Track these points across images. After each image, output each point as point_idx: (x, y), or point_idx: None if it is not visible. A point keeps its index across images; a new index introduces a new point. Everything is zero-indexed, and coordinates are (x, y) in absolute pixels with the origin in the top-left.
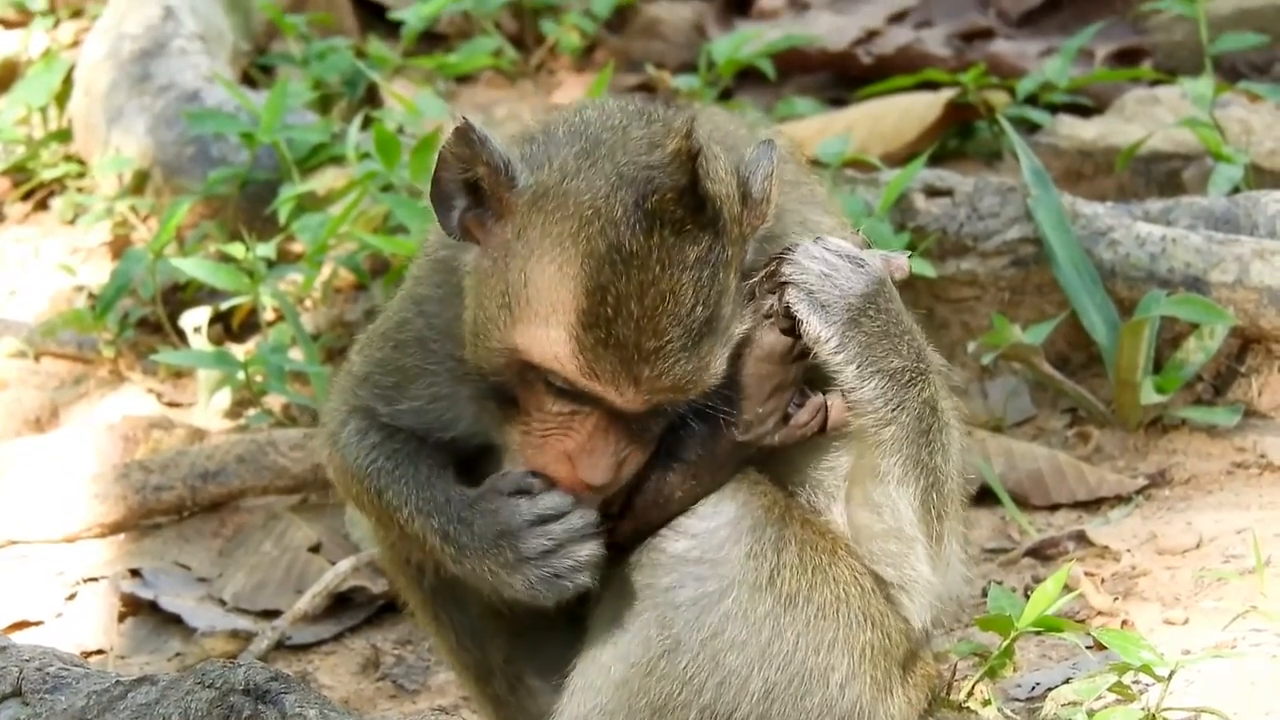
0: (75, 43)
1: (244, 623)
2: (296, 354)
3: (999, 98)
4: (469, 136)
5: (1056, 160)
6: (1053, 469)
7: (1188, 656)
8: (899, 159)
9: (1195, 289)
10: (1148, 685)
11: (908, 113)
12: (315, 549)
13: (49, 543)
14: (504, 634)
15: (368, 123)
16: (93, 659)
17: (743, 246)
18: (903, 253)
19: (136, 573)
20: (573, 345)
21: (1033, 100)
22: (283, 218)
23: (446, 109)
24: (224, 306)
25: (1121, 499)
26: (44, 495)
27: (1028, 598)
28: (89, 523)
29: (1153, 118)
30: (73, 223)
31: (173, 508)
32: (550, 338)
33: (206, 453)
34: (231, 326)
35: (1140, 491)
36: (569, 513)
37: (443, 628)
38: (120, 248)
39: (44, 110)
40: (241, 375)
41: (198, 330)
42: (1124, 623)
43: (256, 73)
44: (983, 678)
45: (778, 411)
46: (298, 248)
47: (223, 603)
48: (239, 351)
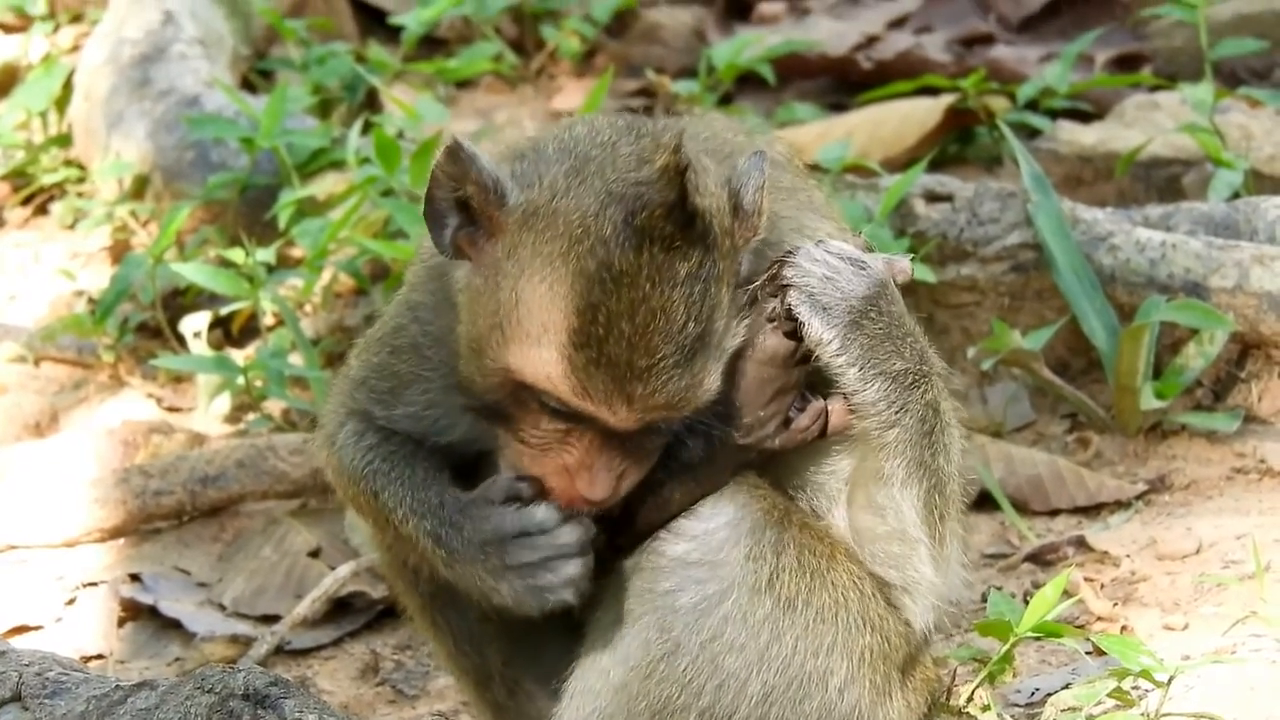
0: (75, 47)
1: (243, 628)
2: (296, 359)
3: (999, 103)
4: (458, 155)
5: (1056, 166)
6: (1052, 474)
7: (1187, 662)
8: (899, 164)
9: (1195, 294)
10: (1147, 691)
11: (908, 118)
12: (315, 554)
13: (49, 547)
14: (502, 638)
15: (368, 128)
16: (92, 664)
17: (735, 259)
18: (905, 256)
19: (136, 577)
20: (564, 365)
21: (1033, 106)
22: (283, 222)
23: (446, 114)
24: (224, 311)
25: (1121, 504)
26: (44, 500)
27: (1027, 603)
28: (89, 527)
29: (1153, 123)
30: (72, 228)
31: (172, 512)
32: (542, 358)
33: (206, 458)
34: (231, 331)
35: (1140, 497)
36: (556, 528)
37: (441, 632)
38: (120, 253)
39: (44, 115)
40: (241, 380)
41: (197, 335)
42: (1123, 628)
43: (256, 78)
44: (982, 683)
45: (779, 415)
46: (298, 253)
47: (222, 608)
48: (239, 356)
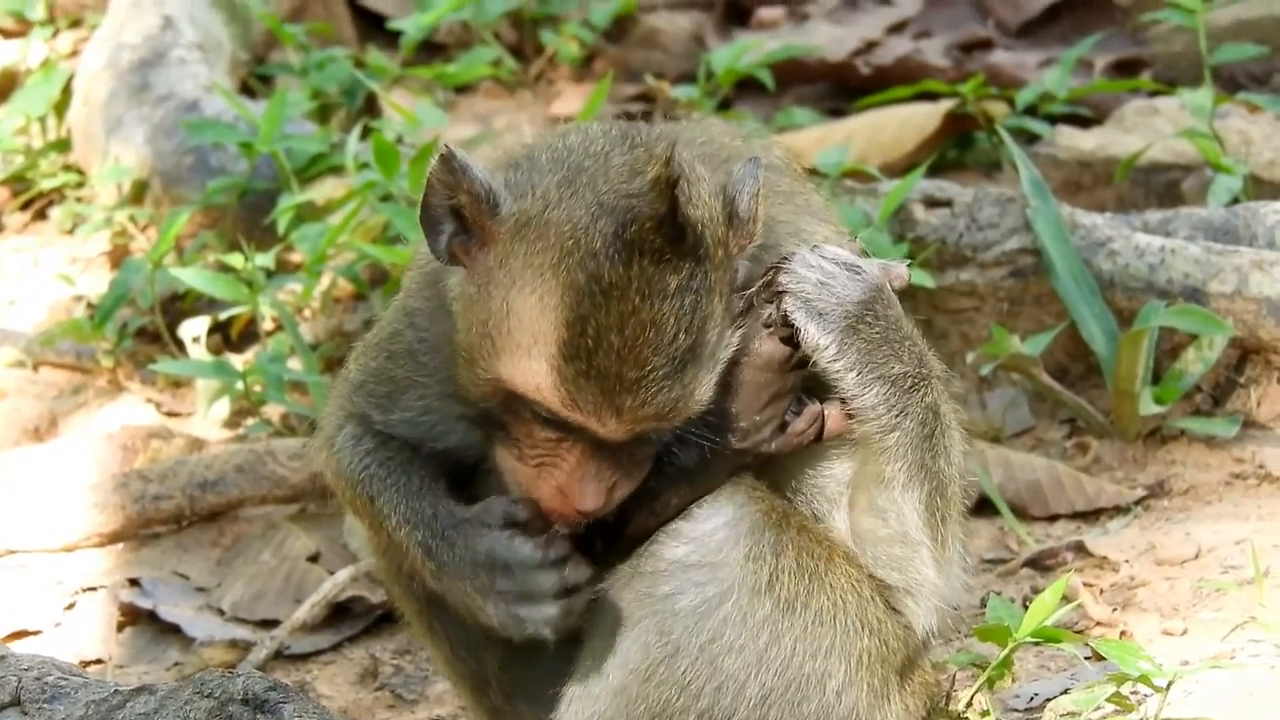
0: (74, 52)
1: (242, 632)
2: (295, 364)
3: (998, 108)
4: (452, 163)
5: (1055, 171)
6: (1051, 479)
7: (1186, 667)
8: (898, 169)
9: (1194, 300)
10: (1146, 696)
11: (907, 123)
12: (314, 559)
13: (48, 552)
14: (499, 644)
15: (366, 132)
16: (91, 668)
17: (729, 268)
18: (901, 261)
19: (135, 582)
20: (554, 377)
21: (1032, 111)
22: (281, 227)
23: (445, 119)
24: (223, 316)
25: (1120, 510)
26: (43, 505)
27: (1026, 608)
28: (88, 532)
29: (1152, 128)
30: (71, 232)
31: (171, 517)
32: (532, 369)
33: (205, 462)
34: (230, 336)
35: (1139, 502)
36: (535, 569)
37: (438, 638)
38: (119, 257)
39: (43, 120)
40: (240, 385)
41: (196, 340)
42: (1122, 633)
43: (255, 82)
44: (981, 688)
45: (775, 419)
46: (296, 257)
47: (221, 612)
48: (238, 361)
